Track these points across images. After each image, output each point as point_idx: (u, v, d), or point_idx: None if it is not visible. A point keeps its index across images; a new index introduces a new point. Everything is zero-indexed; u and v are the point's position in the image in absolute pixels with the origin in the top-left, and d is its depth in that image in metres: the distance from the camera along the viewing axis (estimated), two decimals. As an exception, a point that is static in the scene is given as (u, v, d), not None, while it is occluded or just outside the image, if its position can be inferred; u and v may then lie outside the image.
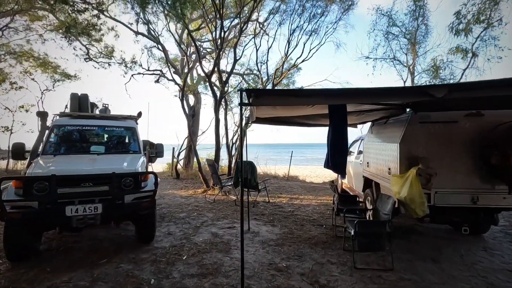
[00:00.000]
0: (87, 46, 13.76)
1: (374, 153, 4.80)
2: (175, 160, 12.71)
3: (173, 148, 12.46)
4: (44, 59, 13.11)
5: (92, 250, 3.91)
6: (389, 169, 4.06)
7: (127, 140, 5.18)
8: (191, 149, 13.30)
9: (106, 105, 6.82)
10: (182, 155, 14.12)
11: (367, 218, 4.61)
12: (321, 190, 9.05)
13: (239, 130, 10.28)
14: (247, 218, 5.09)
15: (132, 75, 14.16)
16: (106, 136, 5.11)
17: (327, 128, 3.90)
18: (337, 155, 2.92)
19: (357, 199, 5.13)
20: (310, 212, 6.15)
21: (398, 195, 3.57)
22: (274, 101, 2.16)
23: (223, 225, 5.17)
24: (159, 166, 15.12)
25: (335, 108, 2.90)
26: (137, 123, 5.75)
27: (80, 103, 5.83)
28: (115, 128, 5.14)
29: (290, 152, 13.23)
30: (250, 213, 5.97)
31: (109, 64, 14.37)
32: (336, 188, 4.66)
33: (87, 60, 14.19)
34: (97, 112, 6.50)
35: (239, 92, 2.10)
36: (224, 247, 4.06)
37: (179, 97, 8.76)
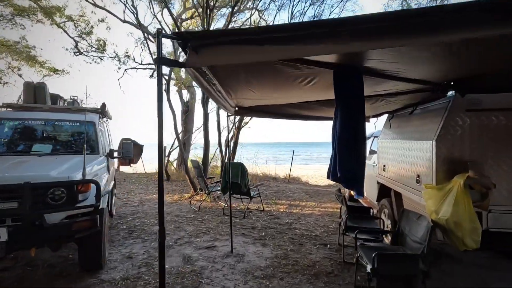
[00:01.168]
0: (75, 38, 12.98)
1: (393, 153, 3.70)
2: (170, 160, 11.77)
3: (165, 147, 11.47)
4: (27, 50, 12.19)
5: (17, 282, 2.93)
6: (418, 176, 2.96)
7: (82, 138, 4.19)
8: (185, 147, 12.33)
9: (75, 97, 5.83)
10: (176, 154, 13.18)
11: (383, 238, 3.52)
12: (325, 195, 7.95)
13: (234, 128, 9.24)
14: (236, 234, 4.04)
15: (125, 70, 13.31)
16: (55, 132, 4.11)
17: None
18: (349, 161, 1.82)
19: (371, 211, 4.04)
20: (312, 224, 5.07)
21: (435, 215, 2.47)
22: (231, 55, 1.10)
23: (201, 243, 4.13)
24: (152, 166, 14.18)
25: (345, 81, 1.82)
26: (101, 117, 4.76)
27: (36, 93, 4.83)
28: (67, 123, 4.16)
29: (292, 151, 12.15)
30: (239, 226, 4.93)
31: (101, 59, 13.56)
32: (344, 200, 3.59)
33: (77, 54, 13.41)
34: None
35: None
36: (193, 281, 3.02)
37: (165, 90, 7.74)
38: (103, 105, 4.73)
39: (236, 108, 3.68)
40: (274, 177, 11.14)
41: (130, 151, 4.70)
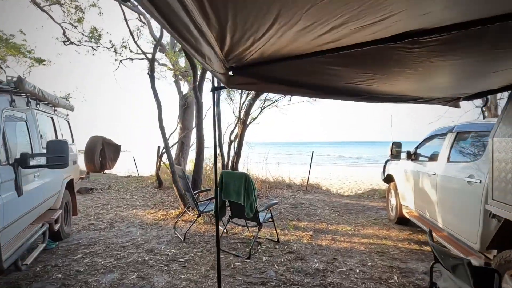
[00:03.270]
0: (62, 25, 11.54)
1: None
2: (166, 162, 10.05)
3: (158, 147, 9.74)
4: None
5: None
6: None
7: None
8: (182, 147, 10.57)
9: (12, 78, 4.07)
10: (174, 155, 11.43)
11: None
12: (359, 212, 5.96)
13: (238, 123, 7.36)
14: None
15: (120, 61, 11.77)
16: None
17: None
18: None
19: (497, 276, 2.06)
20: (359, 274, 3.13)
21: None
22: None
23: (170, 323, 2.28)
24: (147, 170, 12.46)
25: None
26: (13, 100, 2.94)
27: None
28: None
29: (306, 151, 10.16)
30: (240, 276, 3.05)
31: (93, 49, 12.06)
32: (468, 268, 1.64)
33: (67, 43, 11.97)
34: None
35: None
36: None
37: (148, 74, 5.95)
38: (19, 80, 2.94)
39: (231, 73, 1.80)
40: (289, 184, 9.21)
41: (64, 156, 2.90)
